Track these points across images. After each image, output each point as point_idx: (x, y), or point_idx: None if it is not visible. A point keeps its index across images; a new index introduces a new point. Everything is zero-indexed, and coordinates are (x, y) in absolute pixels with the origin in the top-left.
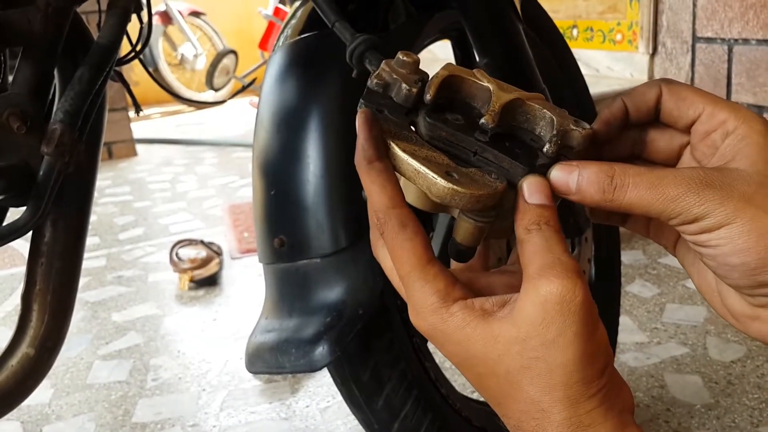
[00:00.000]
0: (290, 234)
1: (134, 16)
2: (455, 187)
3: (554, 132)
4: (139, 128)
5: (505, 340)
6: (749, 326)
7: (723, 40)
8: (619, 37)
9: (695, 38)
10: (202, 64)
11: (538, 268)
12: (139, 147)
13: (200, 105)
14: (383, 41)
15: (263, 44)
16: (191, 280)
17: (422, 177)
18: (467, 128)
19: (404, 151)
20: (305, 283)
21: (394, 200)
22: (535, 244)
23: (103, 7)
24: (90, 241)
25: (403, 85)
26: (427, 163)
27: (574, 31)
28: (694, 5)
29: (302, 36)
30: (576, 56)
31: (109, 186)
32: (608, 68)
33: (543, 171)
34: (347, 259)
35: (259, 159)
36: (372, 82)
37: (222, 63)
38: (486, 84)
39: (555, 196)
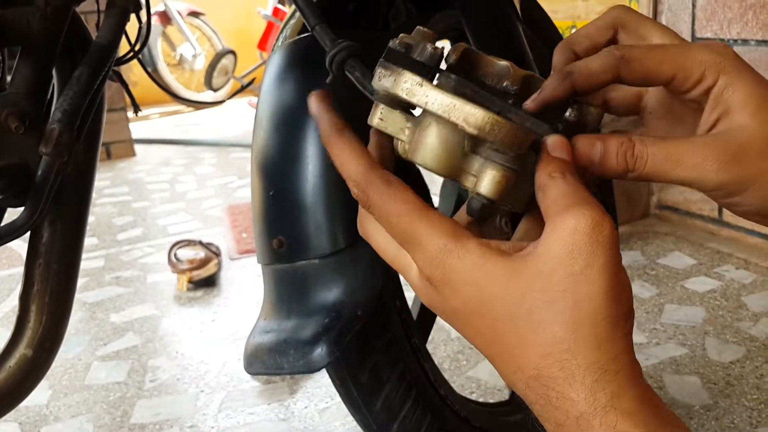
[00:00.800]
0: (289, 235)
1: (133, 16)
2: (494, 115)
3: (574, 101)
4: (137, 128)
5: (529, 274)
6: None
7: (722, 40)
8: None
9: (694, 39)
10: (201, 64)
11: (564, 206)
12: (137, 147)
13: (199, 105)
14: (384, 38)
15: (262, 44)
16: (190, 281)
17: (458, 110)
18: (490, 91)
19: (436, 87)
20: (304, 283)
21: (372, 162)
22: (559, 188)
23: (102, 6)
24: (88, 241)
25: (428, 45)
26: (462, 99)
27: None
28: (694, 6)
29: (301, 36)
30: None
31: (108, 186)
32: None
33: (565, 134)
34: (346, 259)
35: (257, 159)
36: (394, 42)
37: (221, 63)
38: (504, 62)
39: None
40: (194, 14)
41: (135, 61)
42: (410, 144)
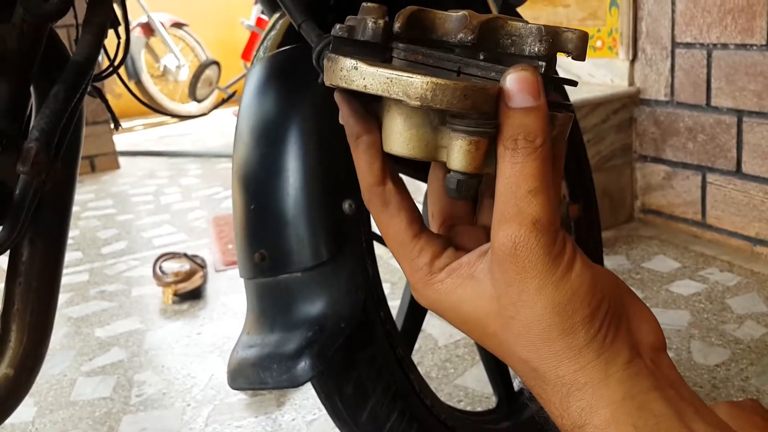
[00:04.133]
0: (271, 248)
1: (112, 32)
2: (434, 79)
3: (544, 33)
4: (122, 140)
5: (487, 298)
6: None
7: (702, 45)
8: (599, 43)
9: (674, 44)
10: (185, 75)
11: (498, 212)
12: (122, 159)
13: (183, 117)
14: None
15: (246, 55)
16: (175, 294)
17: (396, 84)
18: (447, 51)
19: (372, 65)
20: (286, 297)
21: (378, 177)
22: (504, 174)
23: (80, 22)
24: (72, 255)
25: (369, 21)
26: (402, 70)
27: None
28: (673, 11)
29: (281, 49)
30: (557, 63)
31: (92, 199)
32: (589, 74)
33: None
34: (328, 272)
35: (238, 173)
36: (335, 29)
37: (204, 74)
38: (460, 12)
39: (546, 93)
40: (178, 25)
41: (121, 71)
42: (382, 136)
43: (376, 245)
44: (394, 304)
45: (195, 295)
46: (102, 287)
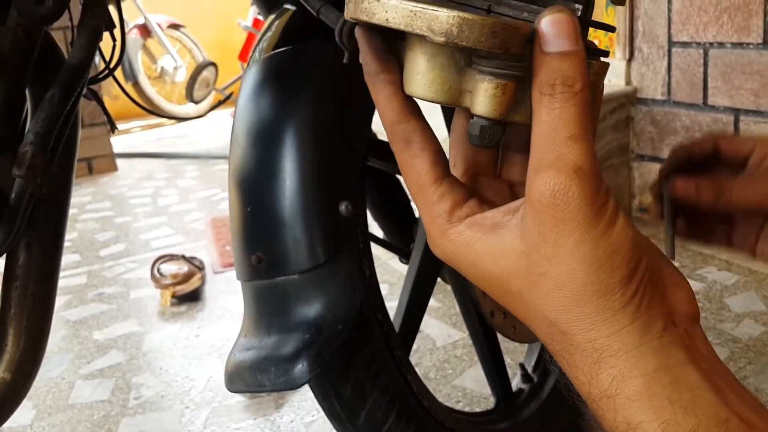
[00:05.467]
0: (268, 250)
1: (108, 34)
2: (461, 13)
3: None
4: (119, 142)
5: (515, 255)
6: None
7: (698, 44)
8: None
9: (671, 43)
10: (182, 76)
11: (536, 160)
12: (119, 161)
13: (180, 119)
14: None
15: (243, 56)
16: (173, 296)
17: (420, 17)
18: None
19: None
20: (284, 299)
21: (399, 114)
22: (541, 120)
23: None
24: (70, 258)
25: None
26: (427, 3)
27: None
28: (669, 10)
29: (277, 51)
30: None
31: (90, 202)
32: None
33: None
34: (325, 274)
35: (234, 175)
36: None
37: (202, 75)
38: None
39: (583, 37)
40: (174, 26)
41: (118, 73)
42: (403, 77)
43: (374, 246)
44: (393, 305)
45: (193, 297)
46: (100, 290)
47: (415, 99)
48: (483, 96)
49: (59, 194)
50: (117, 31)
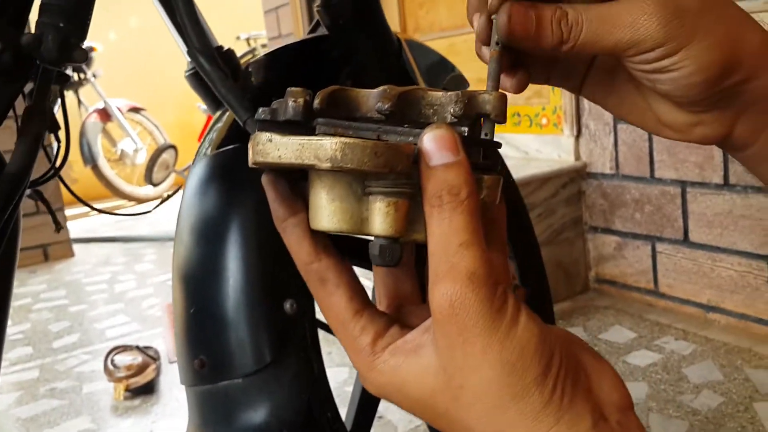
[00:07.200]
0: (211, 354)
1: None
2: (343, 139)
3: (460, 96)
4: (77, 226)
5: (434, 371)
6: (691, 133)
7: None
8: (544, 120)
9: (616, 119)
10: (142, 158)
11: (433, 273)
12: (76, 247)
13: (140, 201)
14: None
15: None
16: (127, 389)
17: (307, 148)
18: (366, 122)
19: (286, 135)
20: (228, 405)
21: (310, 254)
22: (433, 233)
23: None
24: (23, 351)
25: (289, 101)
26: (314, 137)
27: None
28: None
29: (223, 149)
30: (505, 140)
31: (45, 290)
32: (537, 151)
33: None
34: (270, 377)
35: (178, 275)
36: (259, 112)
37: (161, 158)
38: (379, 89)
39: (464, 147)
40: (135, 110)
41: (77, 157)
42: (309, 214)
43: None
44: (344, 401)
45: (148, 389)
46: (52, 384)
47: (324, 235)
48: (378, 215)
49: None
50: (62, 133)
